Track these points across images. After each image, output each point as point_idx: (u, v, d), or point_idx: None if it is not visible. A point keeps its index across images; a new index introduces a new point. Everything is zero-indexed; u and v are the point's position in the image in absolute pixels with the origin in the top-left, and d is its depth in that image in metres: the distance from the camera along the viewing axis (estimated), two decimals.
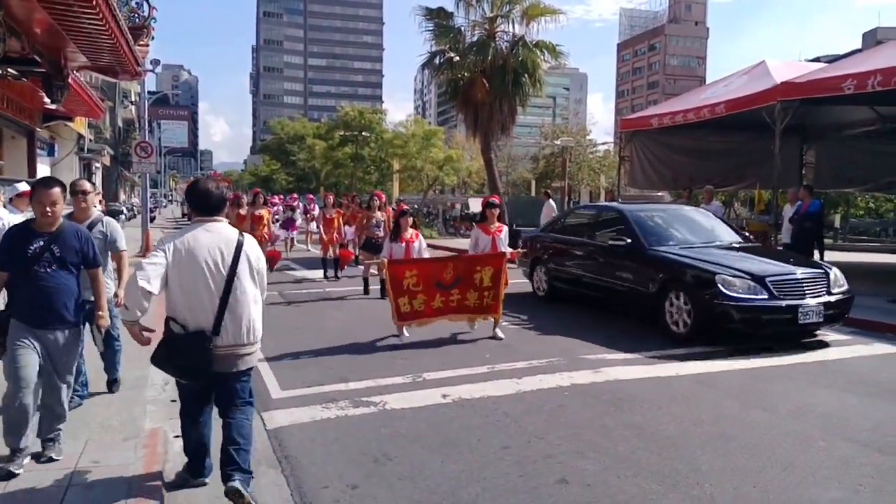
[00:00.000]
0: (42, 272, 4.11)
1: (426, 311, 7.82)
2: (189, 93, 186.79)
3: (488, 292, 7.96)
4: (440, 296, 7.83)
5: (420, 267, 7.93)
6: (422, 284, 7.72)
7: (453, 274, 7.89)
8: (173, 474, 4.08)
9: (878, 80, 11.08)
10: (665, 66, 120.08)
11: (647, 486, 4.02)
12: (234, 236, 3.82)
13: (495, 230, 8.35)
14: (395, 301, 7.70)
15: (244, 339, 3.78)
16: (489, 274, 7.95)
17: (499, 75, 20.86)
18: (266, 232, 13.35)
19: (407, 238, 8.35)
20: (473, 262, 8.07)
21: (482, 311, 8.04)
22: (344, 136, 55.72)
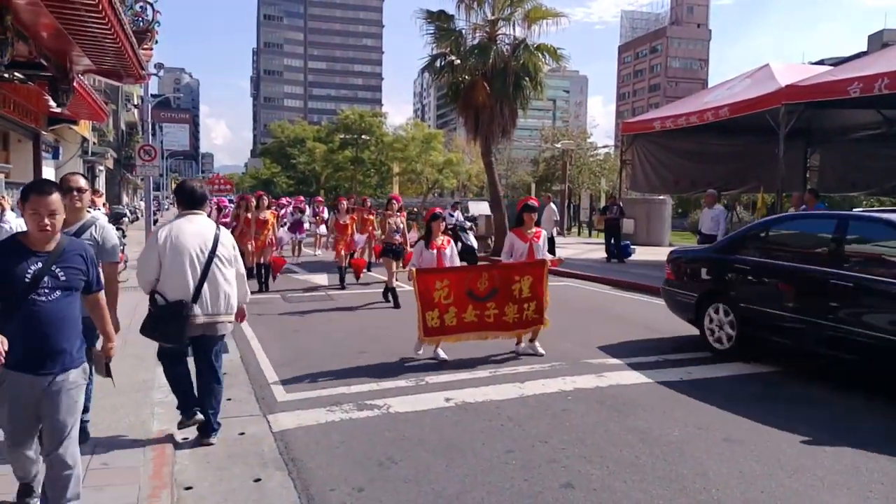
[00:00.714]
0: (42, 302, 3.22)
1: (457, 326, 7.04)
2: (190, 96, 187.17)
3: (528, 304, 7.17)
4: (473, 308, 7.06)
5: (452, 276, 7.16)
6: (453, 296, 7.00)
7: (488, 284, 7.12)
8: (180, 476, 4.10)
9: (884, 83, 11.11)
10: (667, 68, 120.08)
11: (654, 492, 4.03)
12: (213, 226, 4.79)
13: (532, 235, 7.47)
14: (422, 314, 6.96)
15: (221, 310, 4.68)
16: (528, 284, 7.18)
17: (500, 78, 20.83)
18: (271, 237, 12.83)
19: (438, 245, 7.65)
20: (510, 272, 7.24)
21: (524, 325, 7.25)
22: (344, 139, 55.87)
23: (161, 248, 4.52)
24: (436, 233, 7.70)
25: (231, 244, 4.85)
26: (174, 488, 3.99)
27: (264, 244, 12.46)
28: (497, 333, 7.24)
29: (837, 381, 6.56)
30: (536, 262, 7.32)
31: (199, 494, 3.98)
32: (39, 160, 16.04)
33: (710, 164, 19.20)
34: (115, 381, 3.95)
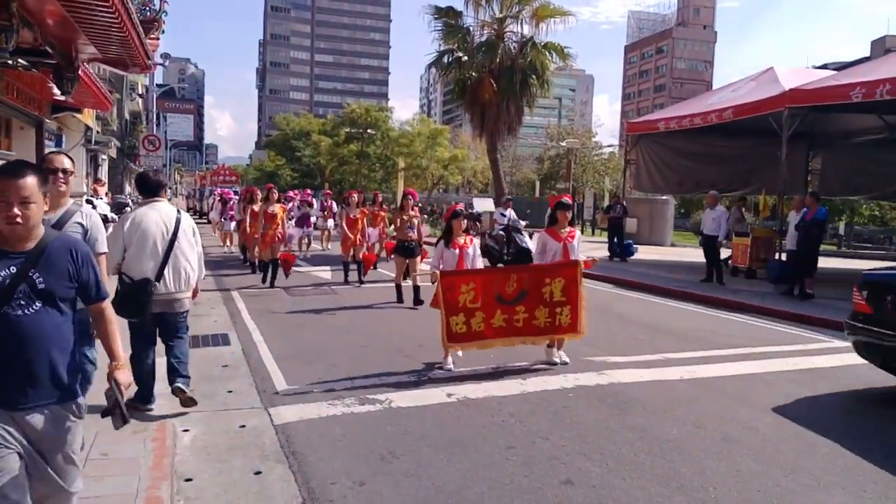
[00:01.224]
0: (15, 316, 2.54)
1: (485, 332, 6.57)
2: (195, 86, 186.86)
3: (561, 308, 6.69)
4: (502, 313, 6.58)
5: (479, 279, 6.68)
6: (480, 300, 6.52)
7: (517, 287, 6.64)
8: (179, 464, 4.12)
9: (886, 88, 11.11)
10: (672, 69, 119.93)
11: (652, 489, 4.05)
12: (174, 212, 5.26)
13: (567, 235, 6.98)
14: (446, 319, 6.47)
15: (182, 287, 5.21)
16: (560, 286, 6.68)
17: (507, 76, 20.88)
18: (280, 231, 12.26)
19: (460, 244, 7.21)
20: (541, 273, 6.78)
21: (557, 330, 6.75)
22: (350, 133, 55.81)
23: (126, 234, 5.02)
24: (457, 231, 7.28)
25: (191, 228, 5.37)
26: (174, 479, 4.01)
27: (273, 239, 12.06)
28: (526, 339, 6.78)
29: (831, 385, 6.57)
30: (569, 263, 6.81)
31: (198, 486, 3.99)
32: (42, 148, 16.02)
33: (713, 166, 19.20)
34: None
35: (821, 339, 8.79)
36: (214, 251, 19.19)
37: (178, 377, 5.19)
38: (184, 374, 5.24)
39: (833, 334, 9.12)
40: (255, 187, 16.38)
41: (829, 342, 8.66)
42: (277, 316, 9.42)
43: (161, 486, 3.84)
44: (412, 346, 7.69)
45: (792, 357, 7.68)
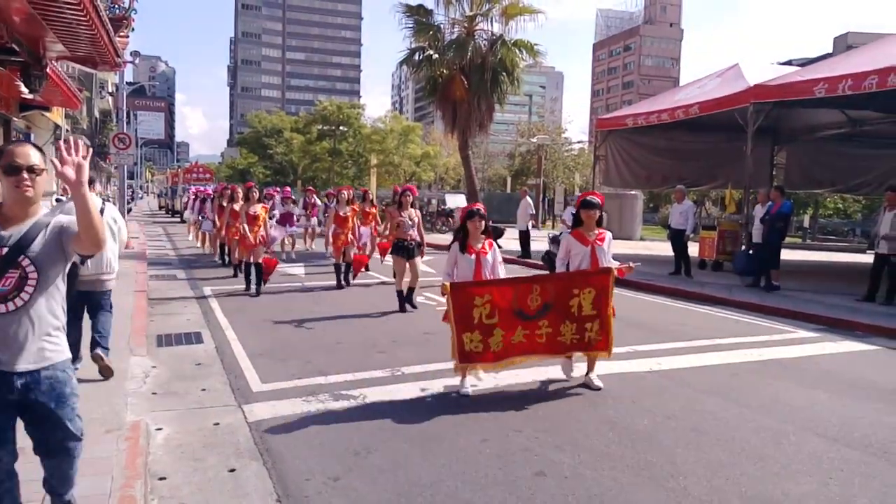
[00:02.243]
0: None
1: (504, 350, 5.74)
2: (166, 84, 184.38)
3: (591, 323, 5.86)
4: (523, 328, 5.76)
5: (495, 290, 5.77)
6: (497, 315, 5.67)
7: (541, 300, 5.79)
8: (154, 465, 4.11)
9: (848, 84, 11.37)
10: (640, 66, 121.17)
11: (623, 479, 4.13)
12: (98, 204, 5.62)
13: (595, 238, 6.09)
14: (458, 336, 5.66)
15: (103, 270, 6.00)
16: (590, 298, 5.84)
17: (477, 73, 20.96)
18: (262, 235, 11.14)
19: (477, 249, 6.11)
20: (568, 283, 5.93)
21: (584, 347, 5.96)
22: (322, 130, 55.51)
23: None
24: (473, 234, 6.10)
25: (112, 218, 6.11)
26: (147, 478, 4.00)
27: (255, 242, 10.99)
28: (549, 357, 6.01)
29: (797, 375, 6.75)
30: (600, 271, 5.94)
31: (172, 485, 3.99)
32: None
33: (680, 161, 19.48)
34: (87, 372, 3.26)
35: (786, 330, 9.00)
36: (187, 250, 19.01)
37: (99, 346, 5.92)
38: (104, 346, 5.97)
39: (798, 325, 9.36)
40: (235, 185, 15.61)
41: (794, 332, 8.88)
42: (251, 314, 9.37)
43: (134, 485, 3.82)
44: (386, 342, 7.72)
45: (758, 348, 7.86)
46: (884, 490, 4.07)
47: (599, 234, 6.15)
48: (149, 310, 9.25)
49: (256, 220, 11.10)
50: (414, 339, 7.94)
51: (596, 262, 6.01)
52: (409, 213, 10.09)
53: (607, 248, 6.12)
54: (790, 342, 8.30)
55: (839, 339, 8.60)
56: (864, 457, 4.59)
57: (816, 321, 9.57)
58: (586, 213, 6.08)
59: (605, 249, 6.09)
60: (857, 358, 7.67)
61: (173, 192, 42.03)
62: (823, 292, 11.87)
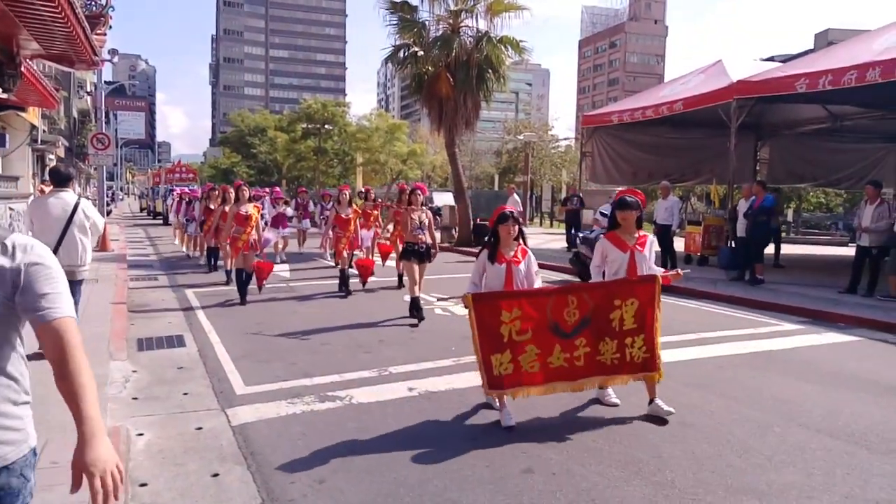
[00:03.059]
0: None
1: (541, 374, 4.93)
2: (146, 83, 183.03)
3: (633, 339, 5.07)
4: (562, 349, 4.95)
5: (527, 302, 4.96)
6: (531, 329, 4.90)
7: (578, 314, 4.99)
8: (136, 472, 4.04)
9: (829, 79, 11.45)
10: (625, 63, 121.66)
11: (611, 474, 4.12)
12: (74, 199, 6.57)
13: (635, 243, 5.30)
14: (484, 358, 4.88)
15: (76, 262, 6.46)
16: (632, 310, 5.06)
17: (463, 70, 20.89)
18: (255, 237, 10.17)
19: (509, 257, 5.27)
20: (609, 294, 5.11)
21: (629, 369, 5.11)
22: (306, 128, 55.20)
23: (29, 216, 6.63)
24: (504, 240, 5.28)
25: (87, 213, 6.60)
26: (129, 485, 3.93)
27: (247, 246, 10.08)
28: (591, 381, 5.14)
29: (781, 367, 6.77)
30: (644, 280, 5.17)
31: (154, 490, 3.92)
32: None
33: (666, 157, 19.57)
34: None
35: (771, 323, 9.05)
36: (170, 253, 18.82)
37: None
38: None
39: (782, 317, 9.41)
40: (226, 185, 15.02)
41: (779, 325, 8.93)
42: (235, 316, 9.28)
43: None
44: (373, 342, 7.67)
45: (743, 341, 7.90)
46: (864, 478, 4.09)
47: (640, 238, 5.34)
48: (129, 313, 9.14)
49: (248, 222, 10.10)
50: (401, 339, 7.90)
51: (634, 270, 5.21)
52: (418, 213, 9.18)
53: (648, 254, 5.34)
54: (774, 335, 8.34)
55: (822, 330, 8.66)
56: (846, 446, 4.62)
57: (800, 314, 9.63)
58: (623, 214, 5.30)
59: (646, 255, 5.31)
60: (839, 349, 7.72)
61: (155, 194, 41.23)
62: (807, 285, 11.95)
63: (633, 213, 5.28)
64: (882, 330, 8.66)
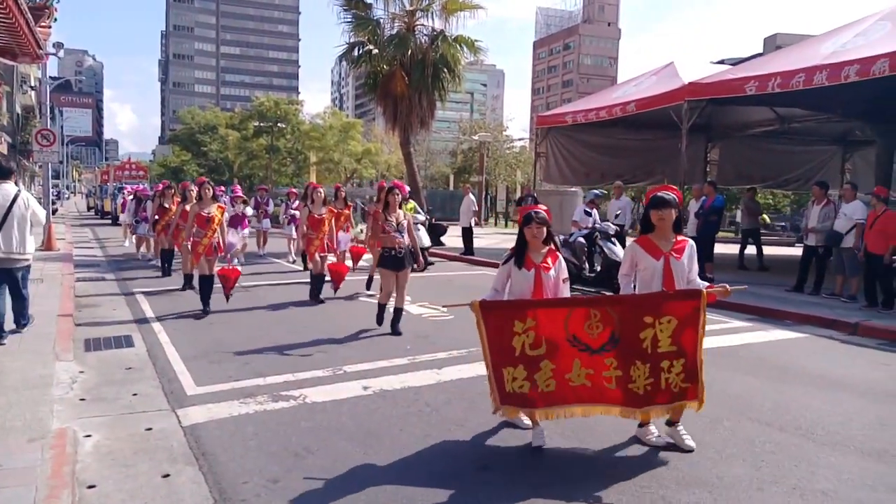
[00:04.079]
0: None
1: (558, 391, 4.36)
2: (93, 79, 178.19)
3: (671, 363, 4.27)
4: (583, 364, 4.33)
5: (542, 313, 4.37)
6: (545, 344, 4.34)
7: (603, 327, 4.31)
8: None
9: (777, 82, 11.77)
10: (579, 65, 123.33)
11: (565, 469, 4.16)
12: (14, 190, 6.98)
13: (672, 248, 4.50)
14: (495, 371, 4.46)
15: (14, 250, 6.92)
16: (669, 329, 4.25)
17: (418, 69, 20.89)
18: (218, 241, 9.30)
19: (537, 262, 4.64)
20: (635, 308, 4.35)
21: (665, 398, 4.34)
22: (259, 127, 54.41)
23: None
24: (532, 244, 4.66)
25: (28, 203, 7.00)
26: (76, 487, 3.81)
27: (209, 250, 9.22)
28: (621, 410, 4.40)
29: (731, 363, 6.94)
30: (683, 294, 4.34)
31: (102, 492, 3.81)
32: None
33: (618, 158, 19.89)
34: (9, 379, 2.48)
35: (720, 320, 9.25)
36: (118, 250, 18.32)
37: (20, 324, 7.40)
38: (24, 320, 7.45)
39: (731, 315, 9.64)
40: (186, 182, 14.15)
41: (728, 322, 9.15)
42: (185, 316, 9.07)
43: (61, 495, 3.63)
44: (328, 342, 7.59)
45: None
46: (811, 470, 4.22)
47: (677, 243, 4.53)
48: (76, 313, 8.86)
49: (211, 224, 9.24)
50: (356, 338, 7.84)
51: (670, 281, 4.41)
52: (396, 215, 8.21)
53: (688, 263, 4.50)
54: (724, 332, 8.54)
55: (770, 327, 8.90)
56: (794, 439, 4.75)
57: (749, 311, 9.89)
58: (659, 213, 4.45)
59: (685, 264, 4.48)
60: (787, 345, 7.95)
61: (104, 192, 39.83)
62: (755, 283, 12.26)
63: (669, 211, 4.44)
64: (827, 327, 8.94)
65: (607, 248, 11.24)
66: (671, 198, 4.48)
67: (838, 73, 10.78)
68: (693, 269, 4.53)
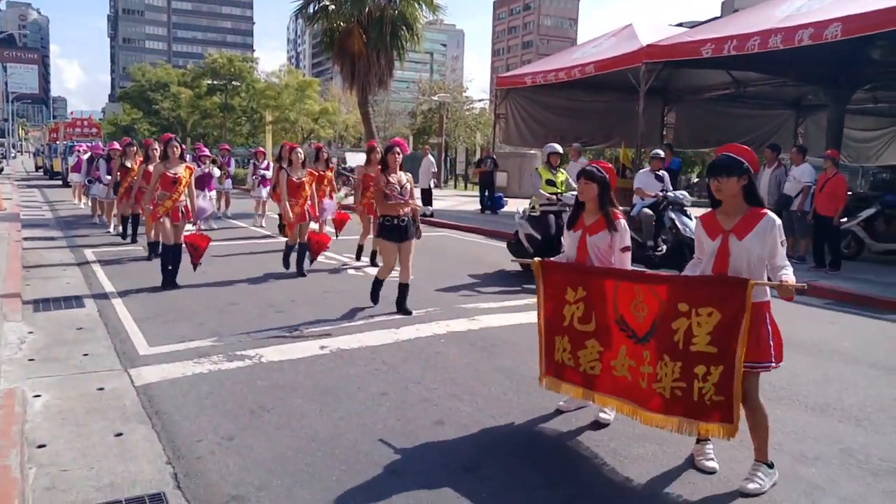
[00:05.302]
0: None
1: (602, 377, 3.97)
2: (38, 34, 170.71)
3: (707, 369, 3.44)
4: (628, 354, 3.81)
5: (593, 284, 3.99)
6: (594, 319, 3.97)
7: (647, 311, 3.71)
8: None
9: (733, 45, 11.91)
10: (539, 26, 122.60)
11: (520, 424, 4.26)
12: None
13: (733, 226, 3.49)
14: (547, 338, 4.23)
15: None
16: (708, 325, 3.44)
17: (376, 27, 20.51)
18: (185, 206, 8.34)
19: (588, 224, 4.19)
20: (672, 291, 3.62)
21: (693, 411, 3.52)
22: (212, 84, 52.91)
23: None
24: (591, 204, 4.18)
25: None
26: (24, 447, 3.75)
27: (175, 214, 8.25)
28: (648, 415, 3.72)
29: None
30: (731, 282, 3.44)
31: (53, 451, 3.76)
32: None
33: (577, 120, 19.98)
34: None
35: None
36: (68, 211, 17.78)
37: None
38: None
39: None
40: (149, 139, 12.35)
41: None
42: (136, 277, 8.88)
43: (9, 454, 3.56)
44: (284, 302, 7.54)
45: None
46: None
47: (743, 218, 3.48)
48: (24, 273, 8.61)
49: (177, 186, 8.23)
50: (312, 299, 7.79)
51: (723, 268, 3.51)
52: (397, 177, 7.01)
53: (758, 245, 3.43)
54: None
55: None
56: None
57: None
58: (713, 183, 3.52)
59: (752, 247, 3.43)
60: None
61: (53, 151, 37.96)
62: None
63: (729, 181, 3.44)
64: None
65: (680, 223, 8.90)
66: (728, 163, 3.47)
67: (792, 37, 10.94)
68: (777, 252, 3.44)
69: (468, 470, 3.67)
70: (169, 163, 8.31)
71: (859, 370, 5.63)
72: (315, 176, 9.77)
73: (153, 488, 3.39)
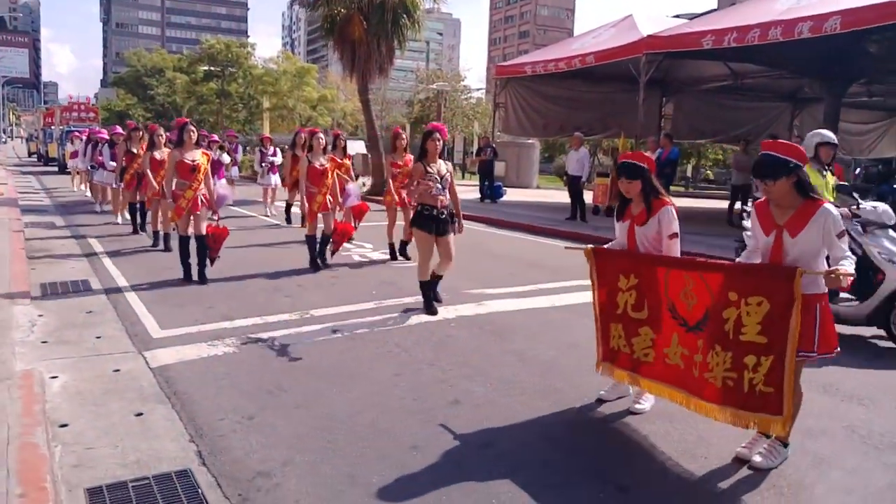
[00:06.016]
0: None
1: (654, 365, 3.97)
2: (29, 17, 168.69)
3: (757, 359, 3.41)
4: (681, 342, 3.80)
5: (644, 272, 4.01)
6: (647, 307, 3.99)
7: (698, 301, 3.69)
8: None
9: (734, 36, 11.96)
10: (536, 16, 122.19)
11: (534, 404, 4.33)
12: None
13: (788, 220, 3.41)
14: (602, 324, 4.27)
15: None
16: (758, 314, 3.39)
17: (377, 13, 20.40)
18: (204, 193, 7.75)
19: (635, 213, 4.16)
20: (723, 280, 3.57)
21: (743, 401, 3.48)
22: (209, 70, 52.68)
23: None
24: (636, 197, 4.13)
25: None
26: (48, 425, 3.81)
27: (195, 204, 7.69)
28: (703, 405, 3.69)
29: None
30: (780, 272, 3.38)
31: (76, 430, 3.81)
32: None
33: (576, 110, 20.02)
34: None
35: None
36: (67, 197, 17.71)
37: None
38: None
39: None
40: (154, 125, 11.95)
41: None
42: (141, 261, 8.92)
43: (34, 432, 3.63)
44: (291, 286, 7.60)
45: None
46: None
47: (800, 210, 3.38)
48: (28, 259, 8.62)
49: (196, 174, 7.69)
50: (320, 283, 7.86)
51: (779, 255, 3.43)
52: (437, 166, 6.48)
53: (809, 242, 3.35)
54: None
55: None
56: None
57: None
58: (765, 186, 3.43)
59: (802, 244, 3.36)
60: None
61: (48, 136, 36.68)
62: (705, 234, 12.64)
63: (775, 184, 3.36)
64: None
65: (870, 246, 5.98)
66: (773, 163, 3.36)
67: (792, 30, 11.01)
68: (834, 244, 3.32)
69: (486, 446, 3.75)
70: (184, 149, 7.78)
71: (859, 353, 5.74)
72: (337, 163, 9.16)
73: (179, 465, 3.45)
